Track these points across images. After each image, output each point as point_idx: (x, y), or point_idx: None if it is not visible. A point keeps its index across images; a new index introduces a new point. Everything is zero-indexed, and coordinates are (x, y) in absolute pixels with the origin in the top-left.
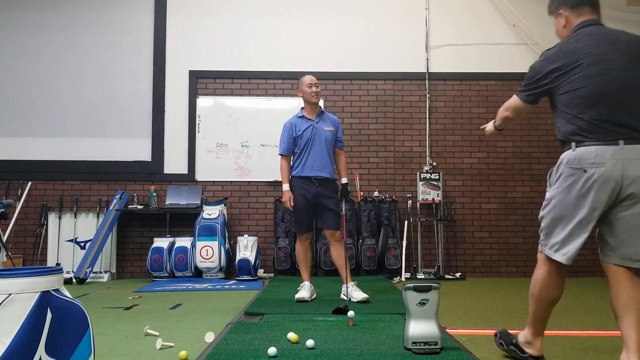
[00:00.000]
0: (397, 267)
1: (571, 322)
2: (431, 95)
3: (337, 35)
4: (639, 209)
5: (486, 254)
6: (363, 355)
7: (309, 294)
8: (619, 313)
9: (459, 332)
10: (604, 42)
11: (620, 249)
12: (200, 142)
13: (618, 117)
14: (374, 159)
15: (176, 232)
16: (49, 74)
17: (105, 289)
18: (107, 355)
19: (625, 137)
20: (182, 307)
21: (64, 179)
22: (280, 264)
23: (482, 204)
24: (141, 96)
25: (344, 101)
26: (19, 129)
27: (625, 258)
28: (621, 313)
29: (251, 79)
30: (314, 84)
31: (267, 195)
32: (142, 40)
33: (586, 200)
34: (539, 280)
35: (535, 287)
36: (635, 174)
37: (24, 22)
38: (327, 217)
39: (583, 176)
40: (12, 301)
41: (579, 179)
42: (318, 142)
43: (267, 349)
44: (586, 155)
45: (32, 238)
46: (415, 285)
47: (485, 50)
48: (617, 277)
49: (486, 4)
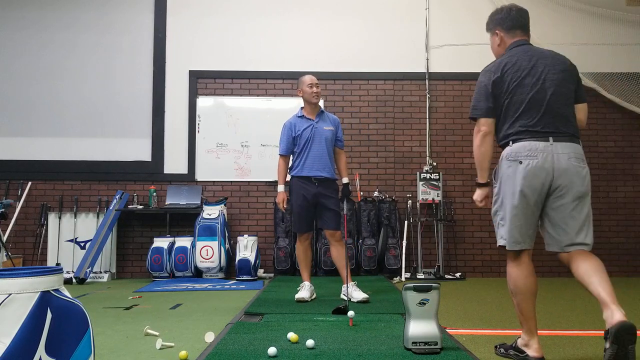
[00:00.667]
0: (397, 267)
1: (571, 322)
2: (431, 95)
3: (337, 35)
4: (567, 198)
5: (486, 254)
6: (363, 355)
7: (309, 294)
8: (584, 280)
9: (459, 332)
10: (534, 58)
11: (557, 237)
12: (200, 142)
13: (548, 119)
14: (374, 159)
15: (176, 232)
16: (49, 74)
17: (105, 289)
18: (107, 355)
19: (553, 135)
20: (182, 307)
21: (64, 179)
22: (280, 264)
23: None
24: (141, 96)
25: (344, 101)
26: (19, 129)
27: (561, 246)
28: (585, 279)
29: (251, 79)
30: (314, 84)
31: (267, 195)
32: (142, 40)
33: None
34: (509, 274)
35: (509, 283)
36: (563, 166)
37: (24, 22)
38: (327, 217)
39: (519, 167)
40: (12, 301)
41: (516, 169)
42: (318, 142)
43: (267, 349)
44: (521, 148)
45: (32, 238)
46: (415, 285)
47: (485, 50)
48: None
49: (486, 4)
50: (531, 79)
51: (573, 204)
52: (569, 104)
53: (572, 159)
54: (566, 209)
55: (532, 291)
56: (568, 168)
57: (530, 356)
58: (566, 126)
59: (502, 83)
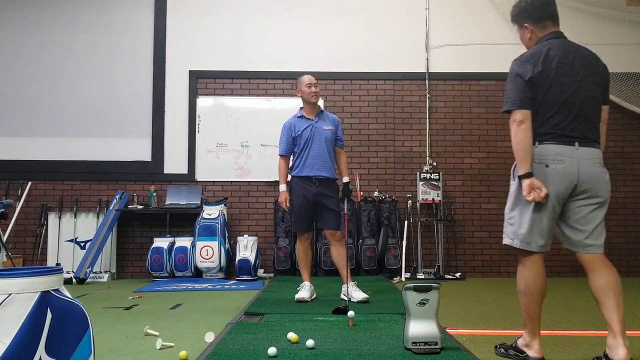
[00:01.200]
0: (397, 267)
1: (571, 322)
2: (431, 95)
3: (337, 35)
4: (589, 202)
5: (486, 254)
6: (363, 355)
7: (309, 294)
8: (599, 298)
9: (459, 332)
10: (571, 55)
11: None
12: (200, 142)
13: (578, 124)
14: (374, 159)
15: (176, 232)
16: (49, 74)
17: (105, 289)
18: (107, 355)
19: (579, 140)
20: (182, 307)
21: (64, 179)
22: (280, 264)
23: (482, 204)
24: (141, 96)
25: (344, 101)
26: (19, 129)
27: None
28: (600, 298)
29: (251, 79)
30: (312, 83)
31: (267, 195)
32: (142, 40)
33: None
34: (520, 274)
35: (520, 283)
36: (588, 172)
37: (24, 22)
38: (328, 217)
39: (544, 170)
40: (12, 301)
41: (542, 172)
42: (318, 142)
43: (267, 349)
44: (548, 151)
45: (32, 238)
46: (415, 285)
47: (485, 50)
48: (592, 265)
49: (486, 4)
50: (568, 79)
51: (593, 208)
52: (598, 110)
53: (597, 164)
54: (585, 211)
55: (542, 293)
56: (593, 174)
57: (530, 357)
58: (592, 131)
59: (539, 77)
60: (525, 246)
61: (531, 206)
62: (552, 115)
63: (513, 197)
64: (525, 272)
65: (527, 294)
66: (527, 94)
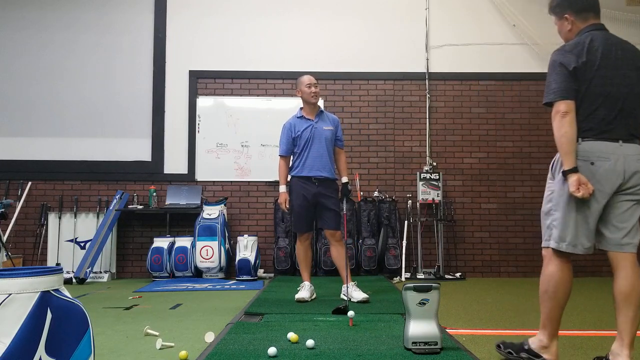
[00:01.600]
0: (397, 267)
1: (571, 322)
2: (431, 95)
3: (337, 35)
4: (632, 197)
5: (486, 254)
6: (363, 355)
7: (309, 294)
8: (619, 302)
9: (459, 332)
10: (614, 48)
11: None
12: (200, 142)
13: (622, 120)
14: (374, 159)
15: (176, 232)
16: (49, 74)
17: (105, 289)
18: (107, 355)
19: (623, 137)
20: (182, 307)
21: (64, 179)
22: (280, 264)
23: (482, 204)
24: (141, 96)
25: (344, 101)
26: (19, 129)
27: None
28: (621, 303)
29: (251, 79)
30: (312, 84)
31: (267, 195)
32: (142, 40)
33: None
34: (552, 276)
35: (549, 285)
36: (633, 169)
37: (24, 22)
38: (327, 217)
39: (590, 168)
40: (12, 301)
41: (585, 170)
42: (318, 142)
43: (267, 349)
44: (593, 148)
45: (32, 238)
46: (415, 285)
47: (485, 50)
48: (624, 264)
49: (486, 4)
50: (611, 72)
51: (632, 204)
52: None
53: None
54: (625, 207)
55: (567, 297)
56: (638, 170)
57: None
58: (634, 128)
59: (584, 68)
60: (571, 249)
61: (575, 207)
62: (596, 109)
63: (556, 196)
64: (558, 274)
65: (554, 297)
66: (571, 85)
